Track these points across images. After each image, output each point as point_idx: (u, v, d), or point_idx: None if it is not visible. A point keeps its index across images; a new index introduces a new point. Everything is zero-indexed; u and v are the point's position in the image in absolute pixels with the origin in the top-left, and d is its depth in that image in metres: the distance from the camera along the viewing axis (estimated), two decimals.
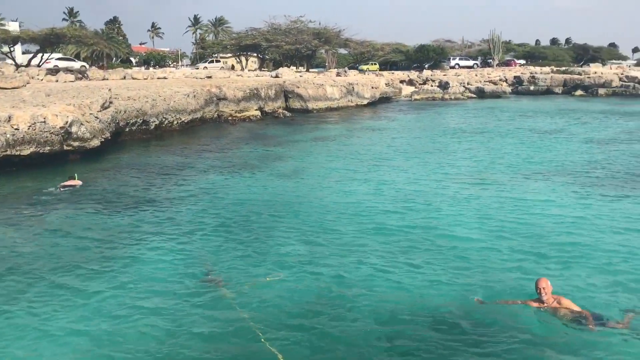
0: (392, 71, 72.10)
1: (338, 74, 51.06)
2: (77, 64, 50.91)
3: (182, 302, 8.24)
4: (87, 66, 52.74)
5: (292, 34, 65.10)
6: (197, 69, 57.83)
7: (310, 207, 13.42)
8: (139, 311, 8.00)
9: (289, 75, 45.54)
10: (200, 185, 15.97)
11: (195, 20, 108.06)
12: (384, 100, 49.08)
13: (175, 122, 27.42)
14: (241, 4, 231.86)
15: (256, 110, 34.91)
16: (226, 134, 27.74)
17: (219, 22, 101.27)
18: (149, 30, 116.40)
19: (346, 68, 61.14)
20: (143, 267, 9.67)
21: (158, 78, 37.86)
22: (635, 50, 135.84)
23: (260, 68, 69.70)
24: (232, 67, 76.67)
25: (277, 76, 43.88)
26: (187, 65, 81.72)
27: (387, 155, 21.05)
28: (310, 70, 63.34)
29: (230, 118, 32.22)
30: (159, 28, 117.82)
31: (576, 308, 7.06)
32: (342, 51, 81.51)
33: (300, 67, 65.30)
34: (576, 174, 17.05)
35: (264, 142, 24.82)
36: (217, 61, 72.50)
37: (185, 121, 28.24)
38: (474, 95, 55.16)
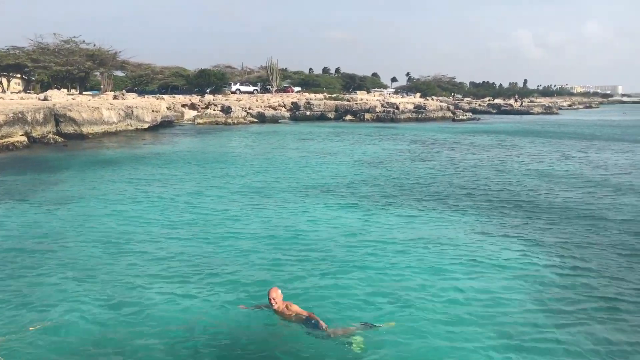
0: (174, 95, 71.12)
1: (115, 97, 48.79)
2: None
3: None
4: None
5: (63, 54, 60.57)
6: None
7: (82, 237, 12.51)
8: None
9: (59, 97, 42.17)
10: None
11: None
12: (166, 124, 48.24)
13: None
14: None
15: (22, 135, 31.68)
16: None
17: None
18: None
19: (124, 91, 58.72)
20: None
21: None
22: (393, 79, 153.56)
23: (25, 90, 63.53)
24: None
25: (45, 99, 40.36)
26: None
27: (166, 179, 20.62)
28: (84, 93, 59.48)
29: None
30: None
31: (303, 312, 8.03)
32: (119, 74, 78.28)
33: (72, 90, 60.99)
34: (344, 192, 18.56)
35: (31, 170, 22.56)
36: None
37: None
38: (256, 120, 57.08)
